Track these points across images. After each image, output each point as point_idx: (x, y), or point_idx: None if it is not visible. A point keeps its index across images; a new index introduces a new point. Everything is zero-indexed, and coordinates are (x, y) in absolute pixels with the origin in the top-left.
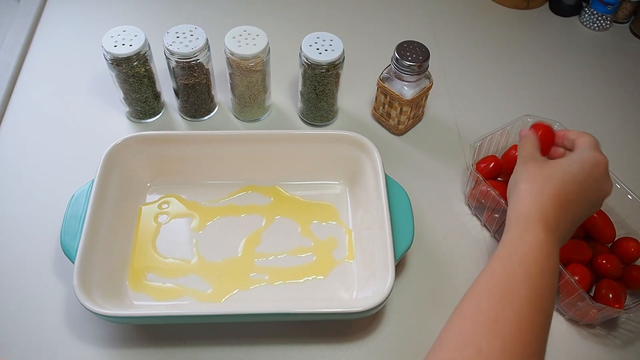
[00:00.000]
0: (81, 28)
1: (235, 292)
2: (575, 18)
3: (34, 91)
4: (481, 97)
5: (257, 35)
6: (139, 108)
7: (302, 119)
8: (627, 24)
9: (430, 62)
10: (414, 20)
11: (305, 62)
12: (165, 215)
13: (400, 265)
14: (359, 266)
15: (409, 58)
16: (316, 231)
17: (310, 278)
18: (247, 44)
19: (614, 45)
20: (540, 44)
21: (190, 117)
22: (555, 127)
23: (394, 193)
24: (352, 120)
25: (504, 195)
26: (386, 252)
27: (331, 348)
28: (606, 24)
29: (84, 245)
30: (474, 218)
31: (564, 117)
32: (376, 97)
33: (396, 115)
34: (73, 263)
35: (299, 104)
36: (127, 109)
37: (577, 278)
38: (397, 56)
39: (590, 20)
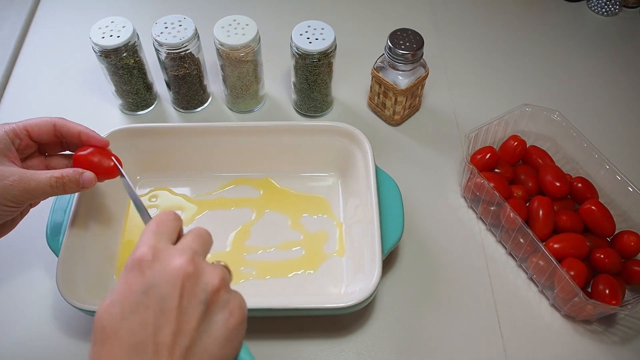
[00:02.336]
0: (75, 21)
1: None
2: (583, 3)
3: (27, 85)
4: (482, 86)
5: (247, 25)
6: (130, 100)
7: (296, 110)
8: (638, 9)
9: (430, 50)
10: (414, 8)
11: (296, 52)
12: (155, 209)
13: (392, 259)
14: (348, 260)
15: (402, 46)
16: (307, 224)
17: (299, 272)
18: (236, 33)
19: (623, 31)
20: (545, 30)
21: (183, 108)
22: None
23: (385, 185)
24: (348, 110)
25: (499, 187)
26: (374, 246)
27: (320, 343)
28: (615, 9)
29: (68, 239)
30: (470, 211)
31: (566, 106)
32: (371, 87)
33: (391, 106)
34: (57, 256)
35: (293, 95)
36: (119, 101)
37: (572, 273)
38: (390, 45)
39: (599, 5)
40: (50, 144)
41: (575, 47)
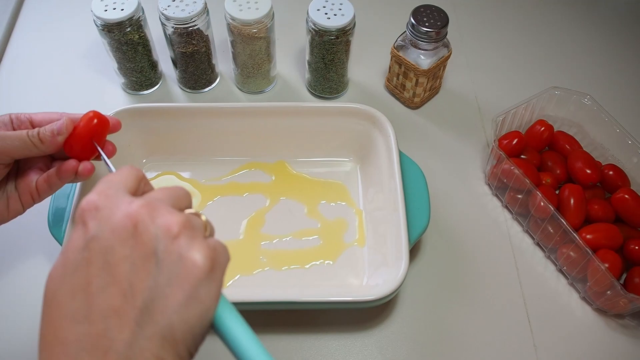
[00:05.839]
0: None
1: (237, 277)
2: None
3: (24, 63)
4: (503, 68)
5: None
6: (134, 79)
7: (309, 91)
8: None
9: (448, 29)
10: None
11: (312, 29)
12: None
13: (414, 249)
14: (370, 250)
15: (426, 24)
16: (324, 212)
17: (317, 262)
18: (249, 8)
19: None
20: (569, 9)
21: (189, 88)
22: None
23: (409, 172)
24: (364, 92)
25: (528, 174)
26: (399, 235)
27: (340, 337)
28: None
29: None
30: (495, 199)
31: (595, 89)
32: (390, 67)
33: (411, 87)
34: (61, 245)
35: (307, 75)
36: (122, 80)
37: (607, 265)
38: (413, 22)
39: None
40: None
41: (603, 28)
